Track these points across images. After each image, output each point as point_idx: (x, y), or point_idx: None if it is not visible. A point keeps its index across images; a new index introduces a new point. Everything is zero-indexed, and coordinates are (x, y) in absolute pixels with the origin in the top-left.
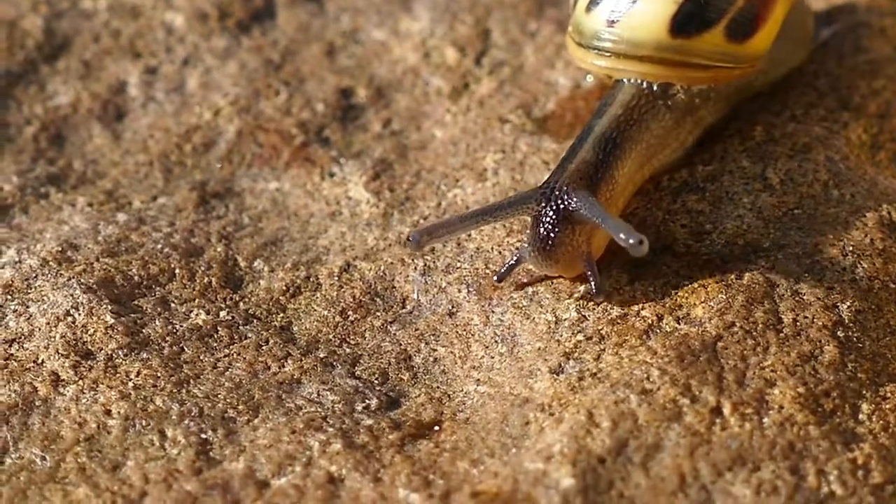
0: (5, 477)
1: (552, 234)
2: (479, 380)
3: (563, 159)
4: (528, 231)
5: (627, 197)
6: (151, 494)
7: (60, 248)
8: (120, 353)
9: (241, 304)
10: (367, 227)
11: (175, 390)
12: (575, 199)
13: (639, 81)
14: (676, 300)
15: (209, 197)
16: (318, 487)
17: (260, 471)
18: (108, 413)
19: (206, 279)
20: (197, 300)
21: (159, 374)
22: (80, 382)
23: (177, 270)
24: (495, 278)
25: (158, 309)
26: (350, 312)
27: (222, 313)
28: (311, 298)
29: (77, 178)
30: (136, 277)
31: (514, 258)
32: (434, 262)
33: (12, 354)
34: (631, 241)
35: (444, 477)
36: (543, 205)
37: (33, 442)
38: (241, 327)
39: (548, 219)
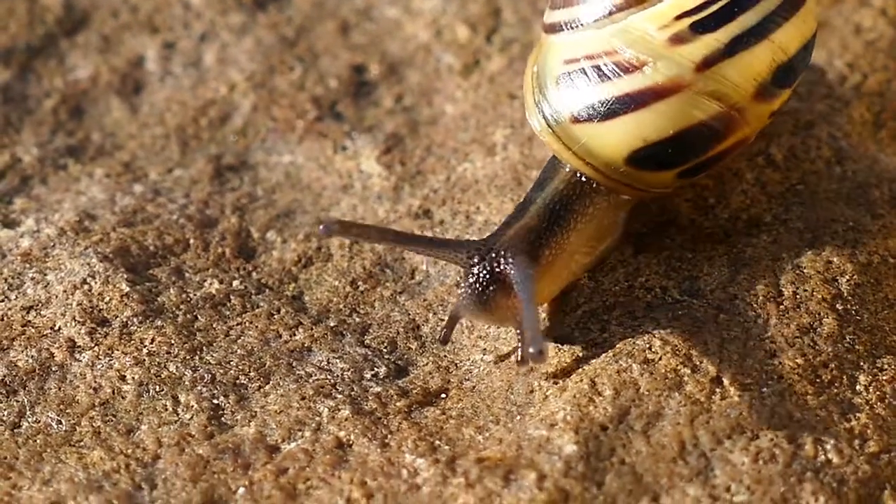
0: (22, 440)
1: (486, 294)
2: (485, 349)
3: (507, 219)
4: (461, 285)
5: (571, 271)
6: (164, 458)
7: (78, 218)
8: (135, 320)
9: (254, 273)
10: (378, 200)
11: (188, 357)
12: (512, 267)
13: (577, 173)
14: (680, 272)
15: (224, 169)
16: (326, 452)
17: (270, 436)
18: (122, 379)
19: (219, 249)
20: (210, 270)
21: (173, 342)
22: (96, 349)
23: (191, 241)
24: (440, 340)
25: (173, 278)
26: (360, 283)
27: (235, 283)
28: (322, 269)
29: (95, 149)
30: (151, 247)
31: (449, 317)
32: (443, 233)
33: (30, 321)
34: (531, 348)
35: (449, 443)
36: (477, 261)
37: (49, 406)
38: (253, 296)
39: (482, 278)
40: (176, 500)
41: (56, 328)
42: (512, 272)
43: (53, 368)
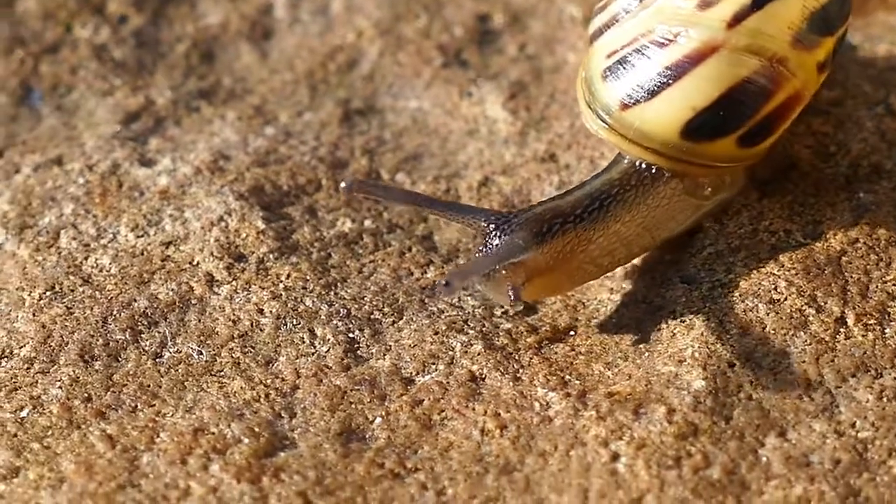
0: (164, 369)
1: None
2: (612, 288)
3: (548, 198)
4: (474, 251)
5: (586, 273)
6: (303, 388)
7: (213, 158)
8: (270, 256)
9: (385, 213)
10: (505, 145)
11: (323, 292)
12: (507, 237)
13: (640, 162)
14: (803, 216)
15: (352, 114)
16: (460, 385)
17: (405, 368)
18: (260, 312)
19: None
20: (342, 209)
21: (308, 277)
22: (234, 283)
23: (323, 181)
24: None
25: (306, 216)
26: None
27: (367, 222)
28: None
29: (226, 93)
30: (284, 186)
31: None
32: (569, 177)
33: (169, 256)
34: (442, 281)
35: (579, 378)
36: (492, 230)
37: (190, 337)
38: (384, 235)
39: (490, 248)
40: (314, 428)
41: (195, 263)
42: (499, 246)
43: (193, 301)
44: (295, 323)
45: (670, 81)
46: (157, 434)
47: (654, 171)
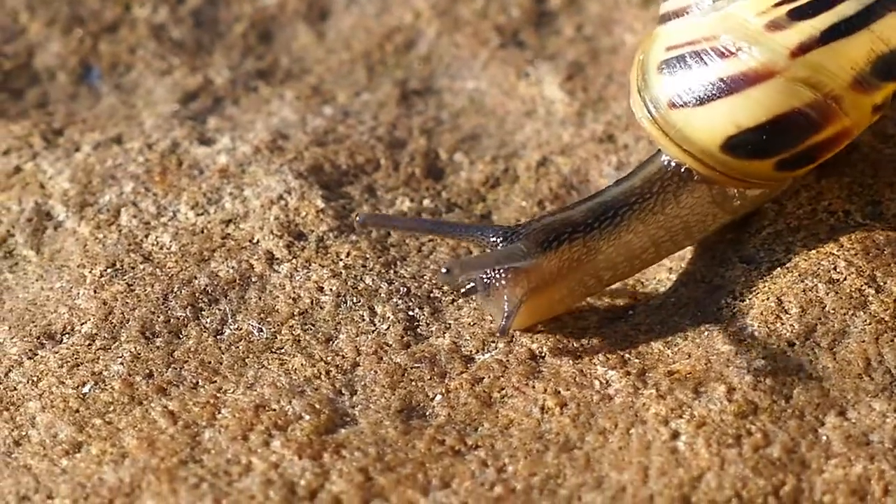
0: (224, 346)
1: (491, 279)
2: (671, 268)
3: (553, 210)
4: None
5: (586, 288)
6: (363, 365)
7: (271, 138)
8: (330, 234)
9: (443, 193)
10: (562, 125)
11: (383, 270)
12: (512, 246)
13: (672, 162)
14: (862, 197)
15: (410, 94)
16: (520, 363)
17: (465, 346)
18: (320, 290)
19: (409, 169)
20: (401, 188)
21: (368, 256)
22: (294, 261)
23: (382, 161)
24: (454, 293)
25: (365, 195)
26: (547, 203)
27: (425, 201)
28: (509, 189)
29: (284, 73)
30: (343, 166)
31: (470, 284)
32: (627, 158)
33: (229, 234)
34: (443, 268)
35: (639, 356)
36: (501, 242)
37: (251, 315)
38: (443, 214)
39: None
40: (375, 405)
41: (255, 241)
42: (503, 250)
43: (253, 279)
44: (355, 301)
45: (721, 94)
46: (219, 410)
47: (683, 171)
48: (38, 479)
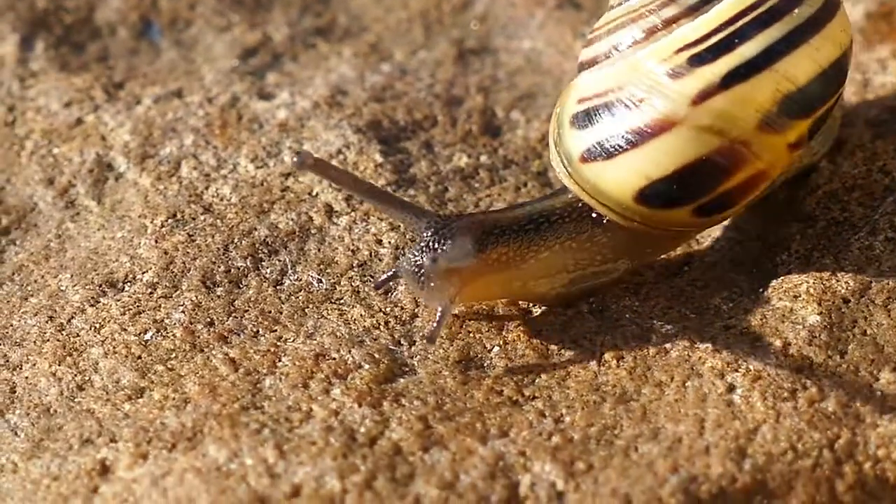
0: (284, 296)
1: (423, 267)
2: (726, 226)
3: (488, 210)
4: (408, 249)
5: (513, 289)
6: (421, 316)
7: (330, 93)
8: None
9: (500, 150)
10: None
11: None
12: (448, 247)
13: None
14: None
15: (466, 53)
16: (576, 317)
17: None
18: (378, 242)
19: (466, 126)
20: (458, 145)
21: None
22: (353, 214)
23: (439, 117)
24: (373, 286)
25: (423, 151)
26: None
27: (482, 157)
28: None
29: (342, 31)
30: (401, 122)
31: (392, 271)
32: None
33: (288, 187)
34: (425, 333)
35: (696, 311)
36: (429, 234)
37: (310, 266)
38: (500, 171)
39: (425, 250)
40: (433, 356)
41: (313, 194)
42: (447, 249)
43: (312, 231)
44: None
45: (629, 146)
46: (279, 359)
47: (595, 216)
48: (101, 422)
